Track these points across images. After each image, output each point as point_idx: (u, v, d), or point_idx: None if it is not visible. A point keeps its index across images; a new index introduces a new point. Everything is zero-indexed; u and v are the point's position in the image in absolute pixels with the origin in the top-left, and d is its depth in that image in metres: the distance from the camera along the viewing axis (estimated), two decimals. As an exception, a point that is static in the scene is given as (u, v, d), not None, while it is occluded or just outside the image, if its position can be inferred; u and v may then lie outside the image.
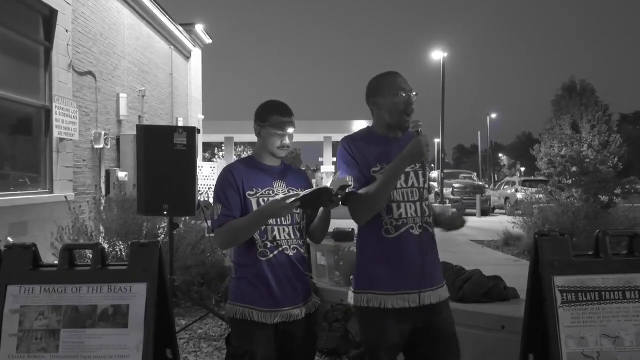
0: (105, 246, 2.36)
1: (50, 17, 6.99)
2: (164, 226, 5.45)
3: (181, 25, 13.09)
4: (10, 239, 4.94)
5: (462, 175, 24.20)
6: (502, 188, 22.85)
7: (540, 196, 10.44)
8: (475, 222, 16.64)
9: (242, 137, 29.37)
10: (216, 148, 39.55)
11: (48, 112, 6.90)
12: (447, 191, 20.13)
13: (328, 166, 26.88)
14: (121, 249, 5.26)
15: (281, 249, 2.12)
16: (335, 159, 3.77)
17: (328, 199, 1.99)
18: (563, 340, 1.73)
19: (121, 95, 9.20)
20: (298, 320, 2.12)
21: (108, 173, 8.52)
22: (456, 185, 20.82)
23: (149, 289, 1.74)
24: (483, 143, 53.66)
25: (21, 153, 6.90)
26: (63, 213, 5.85)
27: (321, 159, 30.45)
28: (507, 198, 20.93)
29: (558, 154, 10.77)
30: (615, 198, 10.04)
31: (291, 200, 1.96)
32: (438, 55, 20.36)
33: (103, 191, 7.99)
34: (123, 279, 1.76)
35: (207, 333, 4.55)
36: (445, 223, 2.17)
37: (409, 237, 2.06)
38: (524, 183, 20.45)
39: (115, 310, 1.73)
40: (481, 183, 24.22)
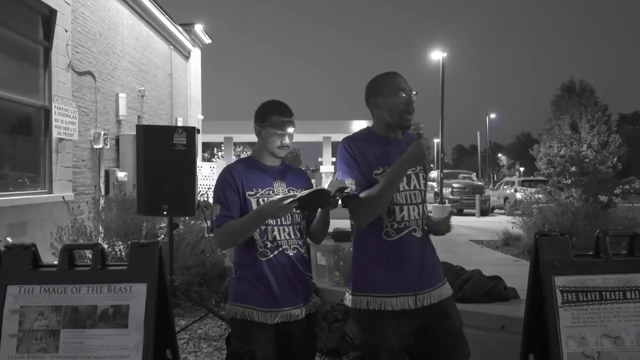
0: (104, 246, 2.36)
1: (49, 17, 6.98)
2: (164, 226, 5.45)
3: (180, 25, 13.08)
4: (9, 239, 4.94)
5: (462, 175, 24.20)
6: (502, 188, 22.87)
7: (539, 196, 10.44)
8: (474, 222, 16.67)
9: (242, 137, 29.34)
10: (215, 148, 39.53)
11: (47, 112, 6.89)
12: (447, 191, 20.15)
13: (327, 166, 26.83)
14: (120, 249, 5.25)
15: (281, 249, 2.11)
16: (334, 159, 3.75)
17: (326, 200, 1.99)
18: (563, 340, 1.73)
19: (120, 95, 9.19)
20: (298, 320, 2.12)
21: (107, 173, 8.51)
22: (455, 185, 20.83)
23: (149, 289, 1.74)
24: (482, 143, 53.74)
25: (20, 153, 6.89)
26: (62, 213, 5.84)
27: (320, 159, 30.40)
28: (507, 198, 20.96)
29: (557, 154, 10.75)
30: (614, 198, 10.05)
31: (289, 200, 1.96)
32: (437, 55, 20.34)
33: (102, 191, 8.00)
34: (123, 279, 1.76)
35: (207, 333, 4.55)
36: (430, 227, 2.15)
37: (411, 240, 2.06)
38: (523, 183, 20.49)
39: (115, 310, 1.72)
40: (480, 183, 24.24)
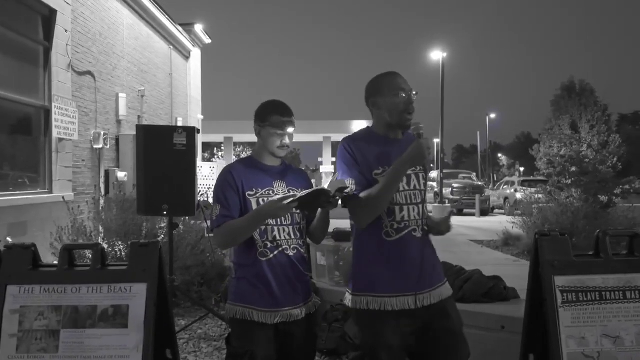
0: (104, 246, 2.36)
1: (49, 17, 6.98)
2: (164, 226, 5.45)
3: (180, 25, 13.08)
4: (9, 239, 4.93)
5: (462, 175, 24.21)
6: (502, 188, 22.88)
7: (539, 196, 10.44)
8: (474, 222, 16.67)
9: (242, 137, 29.33)
10: (215, 148, 39.52)
11: (47, 112, 6.89)
12: (447, 191, 20.15)
13: (327, 166, 26.81)
14: (120, 249, 5.25)
15: (281, 249, 2.11)
16: (334, 159, 3.74)
17: (326, 200, 1.99)
18: (563, 340, 1.73)
19: (120, 95, 9.19)
20: (298, 320, 2.12)
21: (107, 173, 8.51)
22: (455, 185, 20.83)
23: (149, 289, 1.74)
24: (482, 143, 53.73)
25: (20, 153, 6.89)
26: (62, 213, 5.84)
27: (320, 159, 30.39)
28: (506, 198, 20.96)
29: (557, 154, 10.75)
30: (614, 198, 10.04)
31: (289, 200, 1.96)
32: (437, 55, 20.34)
33: (102, 191, 8.00)
34: (123, 279, 1.76)
35: (207, 333, 4.55)
36: (430, 227, 2.15)
37: (411, 240, 2.06)
38: (523, 183, 20.50)
39: (115, 310, 1.72)
40: (480, 183, 24.25)
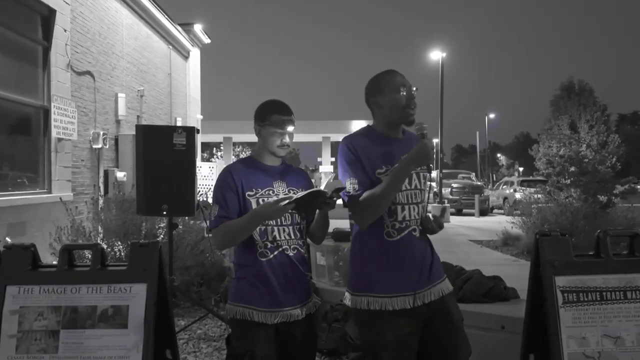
0: (104, 246, 2.35)
1: (48, 17, 6.97)
2: (163, 226, 5.45)
3: (180, 25, 13.06)
4: (8, 239, 4.93)
5: (461, 175, 24.22)
6: (501, 188, 22.89)
7: (538, 196, 10.45)
8: (473, 222, 16.68)
9: (241, 137, 29.30)
10: (215, 148, 39.51)
11: (46, 112, 6.88)
12: (446, 191, 20.16)
13: (326, 166, 26.80)
14: (120, 249, 5.24)
15: (281, 249, 2.11)
16: (333, 159, 3.75)
17: (323, 201, 1.99)
18: (564, 340, 1.73)
19: (119, 95, 9.18)
20: (298, 320, 2.12)
21: (106, 173, 8.50)
22: (455, 185, 20.84)
23: (149, 290, 1.74)
24: (481, 143, 53.79)
25: (19, 153, 6.88)
26: (61, 213, 5.83)
27: (320, 159, 30.36)
28: (506, 198, 20.98)
29: (556, 154, 10.73)
30: (613, 198, 10.05)
31: (285, 202, 1.96)
32: (437, 55, 20.37)
33: (101, 191, 7.99)
34: (123, 280, 1.75)
35: (207, 333, 4.54)
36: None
37: (412, 239, 2.06)
38: (522, 183, 20.50)
39: (114, 310, 1.72)
40: (479, 183, 24.24)
